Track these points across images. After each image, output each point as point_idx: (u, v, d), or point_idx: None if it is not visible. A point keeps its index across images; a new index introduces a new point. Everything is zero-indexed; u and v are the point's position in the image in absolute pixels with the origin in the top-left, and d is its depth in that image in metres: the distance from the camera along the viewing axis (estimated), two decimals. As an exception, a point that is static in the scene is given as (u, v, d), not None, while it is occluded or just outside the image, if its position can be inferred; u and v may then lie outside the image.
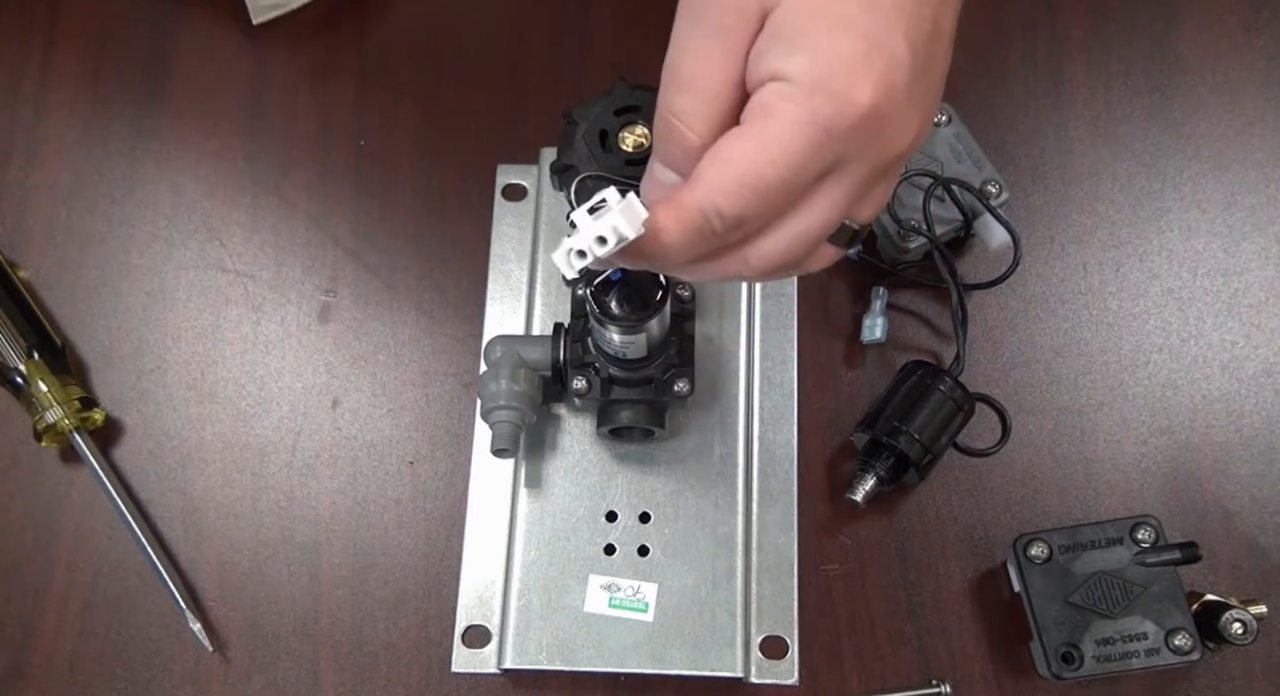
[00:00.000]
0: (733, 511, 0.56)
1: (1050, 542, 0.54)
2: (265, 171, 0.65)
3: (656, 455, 0.57)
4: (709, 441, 0.58)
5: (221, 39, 0.68)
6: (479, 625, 0.55)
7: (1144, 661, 0.52)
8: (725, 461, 0.57)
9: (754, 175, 0.37)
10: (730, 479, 0.57)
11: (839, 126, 0.36)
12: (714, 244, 0.39)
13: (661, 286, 0.50)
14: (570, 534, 0.56)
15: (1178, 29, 0.67)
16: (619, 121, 0.50)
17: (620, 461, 0.57)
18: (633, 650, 0.54)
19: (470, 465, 0.59)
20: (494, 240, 0.62)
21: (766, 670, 0.54)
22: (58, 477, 0.60)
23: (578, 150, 0.50)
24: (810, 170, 0.37)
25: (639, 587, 0.55)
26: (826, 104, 0.36)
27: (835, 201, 0.39)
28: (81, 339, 0.62)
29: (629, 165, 0.49)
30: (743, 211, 0.37)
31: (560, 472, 0.57)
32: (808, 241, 0.39)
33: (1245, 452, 0.59)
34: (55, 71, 0.67)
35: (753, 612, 0.55)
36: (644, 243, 0.38)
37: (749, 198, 0.37)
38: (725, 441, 0.58)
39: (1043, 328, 0.62)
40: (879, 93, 0.36)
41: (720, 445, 0.58)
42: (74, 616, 0.57)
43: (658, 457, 0.57)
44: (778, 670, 0.54)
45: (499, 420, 0.53)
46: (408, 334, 0.62)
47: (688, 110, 0.39)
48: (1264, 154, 0.64)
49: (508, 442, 0.53)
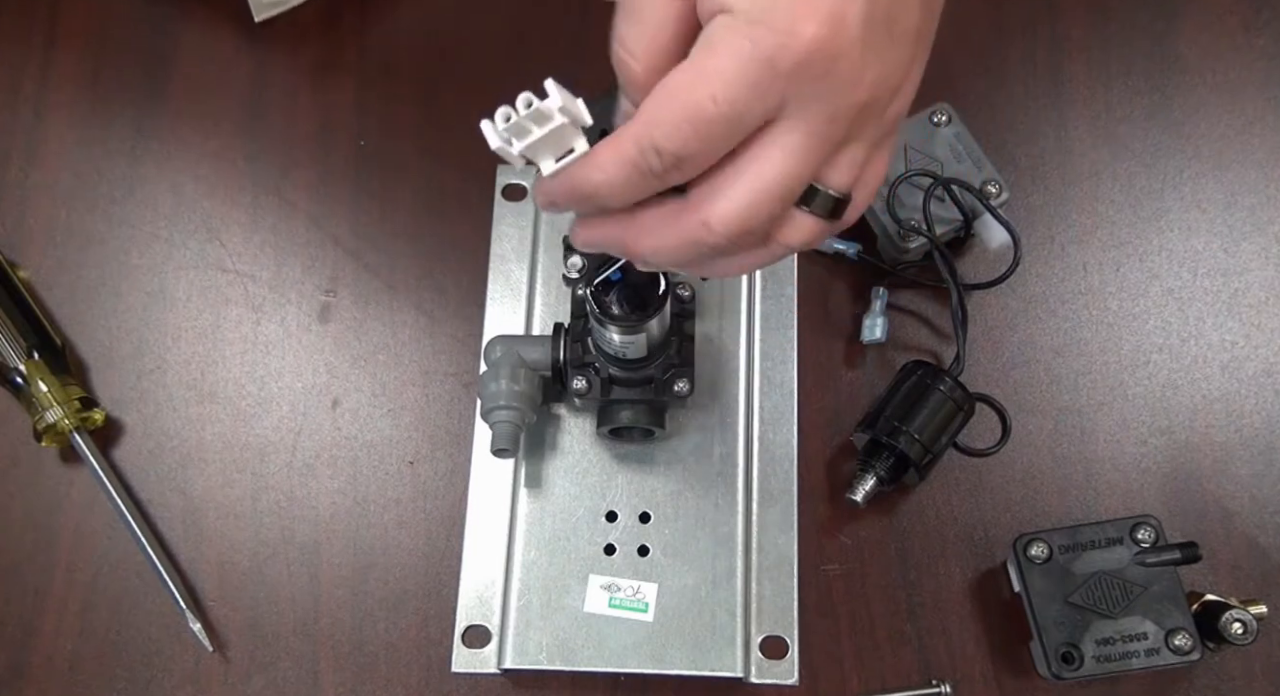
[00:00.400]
0: (733, 511, 0.56)
1: (1050, 542, 0.54)
2: (265, 171, 0.65)
3: (656, 455, 0.57)
4: (709, 441, 0.58)
5: (221, 39, 0.68)
6: (479, 625, 0.55)
7: (1144, 661, 0.52)
8: (725, 461, 0.57)
9: (693, 109, 0.35)
10: (730, 479, 0.57)
11: (782, 60, 0.35)
12: (653, 184, 0.37)
13: (661, 286, 0.50)
14: (570, 534, 0.56)
15: (1178, 29, 0.67)
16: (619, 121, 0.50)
17: (620, 461, 0.57)
18: (633, 650, 0.54)
19: (470, 465, 0.59)
20: (494, 240, 0.62)
21: (766, 670, 0.54)
22: (58, 477, 0.60)
23: None
24: (754, 108, 0.36)
25: (639, 587, 0.55)
26: (768, 35, 0.35)
27: (790, 151, 0.37)
28: (81, 339, 0.62)
29: None
30: (680, 149, 0.36)
31: (560, 472, 0.57)
32: (768, 199, 0.37)
33: (1245, 452, 0.59)
34: (55, 71, 0.67)
35: (753, 612, 0.55)
36: (579, 176, 0.38)
37: (688, 134, 0.36)
38: (725, 441, 0.58)
39: (1043, 328, 0.62)
40: (825, 27, 0.35)
41: (720, 445, 0.58)
42: (74, 616, 0.57)
43: (658, 457, 0.57)
44: (778, 670, 0.54)
45: (499, 420, 0.53)
46: (408, 334, 0.62)
47: (631, 38, 0.38)
48: (1264, 154, 0.64)
49: (508, 442, 0.53)
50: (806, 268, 0.62)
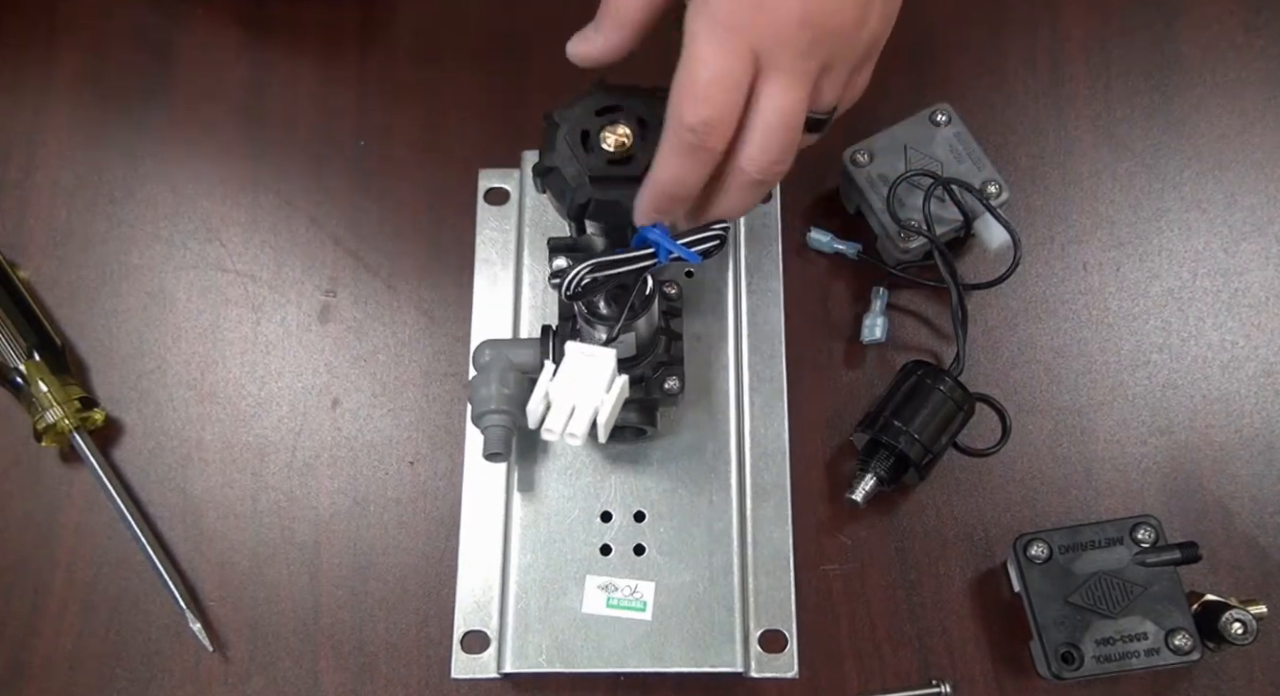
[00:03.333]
0: (727, 507, 0.56)
1: (1050, 542, 0.54)
2: (265, 171, 0.65)
3: (649, 454, 0.57)
4: (701, 438, 0.58)
5: (221, 39, 0.68)
6: (478, 630, 0.55)
7: (1144, 661, 0.52)
8: (717, 458, 0.57)
9: (692, 85, 0.45)
10: (723, 475, 0.57)
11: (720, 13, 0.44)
12: (704, 156, 0.46)
13: (648, 285, 0.50)
14: (566, 535, 0.56)
15: (1178, 29, 0.67)
16: (600, 122, 0.50)
17: (613, 461, 0.57)
18: (632, 649, 0.54)
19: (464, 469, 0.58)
20: (478, 245, 0.62)
21: (766, 664, 0.54)
22: (58, 477, 0.60)
23: (559, 151, 0.50)
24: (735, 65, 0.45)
25: (636, 586, 0.55)
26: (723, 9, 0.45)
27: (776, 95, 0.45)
28: (81, 339, 0.62)
29: (610, 165, 0.49)
30: (704, 117, 0.45)
31: (553, 474, 0.57)
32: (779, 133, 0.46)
33: (1245, 452, 0.59)
34: (55, 71, 0.67)
35: (750, 607, 0.55)
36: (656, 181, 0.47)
37: (701, 103, 0.45)
38: (717, 438, 0.58)
39: (1043, 328, 0.62)
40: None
41: (712, 442, 0.57)
42: (74, 616, 0.57)
43: (650, 456, 0.57)
44: (777, 663, 0.54)
45: (490, 425, 0.53)
46: (408, 334, 0.62)
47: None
48: (1264, 154, 0.64)
49: (500, 447, 0.53)
50: (805, 268, 0.62)
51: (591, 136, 0.50)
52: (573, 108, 0.50)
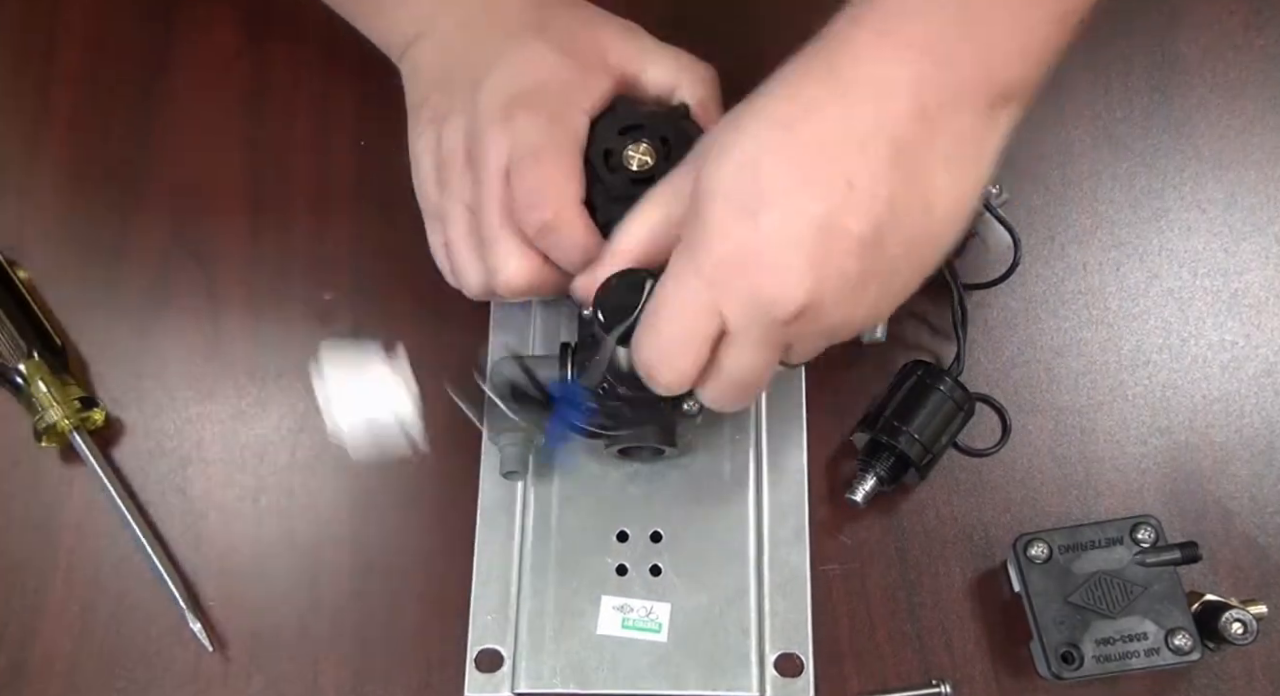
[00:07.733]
0: (744, 528, 0.56)
1: (1050, 542, 0.54)
2: (265, 171, 0.65)
3: (667, 474, 0.57)
4: (719, 459, 0.57)
5: (221, 39, 0.68)
6: (491, 649, 0.55)
7: (1144, 661, 0.52)
8: (735, 478, 0.57)
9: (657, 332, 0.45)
10: (741, 496, 0.57)
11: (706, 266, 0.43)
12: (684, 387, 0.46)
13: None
14: (582, 554, 0.56)
15: (1178, 29, 0.67)
16: (624, 141, 0.50)
17: (630, 480, 0.57)
18: (647, 671, 0.53)
19: (478, 480, 0.58)
20: None
21: (781, 688, 0.54)
22: (58, 477, 0.60)
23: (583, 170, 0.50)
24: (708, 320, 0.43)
25: (652, 608, 0.55)
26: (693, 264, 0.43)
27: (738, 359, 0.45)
28: (81, 339, 0.62)
29: (634, 184, 0.49)
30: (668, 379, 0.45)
31: (570, 492, 0.57)
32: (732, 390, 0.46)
33: (1245, 452, 0.59)
34: (55, 71, 0.67)
35: (766, 630, 0.55)
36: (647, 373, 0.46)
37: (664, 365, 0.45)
38: (735, 458, 0.57)
39: (1043, 328, 0.62)
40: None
41: (730, 462, 0.57)
42: (74, 616, 0.57)
43: (668, 476, 0.57)
44: (793, 688, 0.54)
45: (508, 443, 0.53)
46: (409, 334, 0.62)
47: None
48: (1264, 154, 0.64)
49: (517, 464, 0.53)
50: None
51: (615, 155, 0.50)
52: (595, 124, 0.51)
